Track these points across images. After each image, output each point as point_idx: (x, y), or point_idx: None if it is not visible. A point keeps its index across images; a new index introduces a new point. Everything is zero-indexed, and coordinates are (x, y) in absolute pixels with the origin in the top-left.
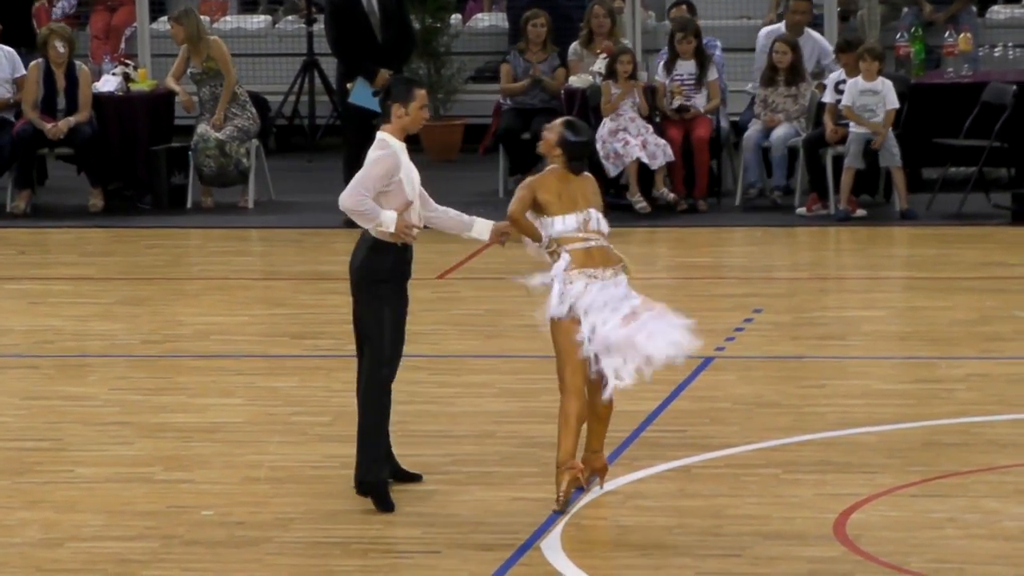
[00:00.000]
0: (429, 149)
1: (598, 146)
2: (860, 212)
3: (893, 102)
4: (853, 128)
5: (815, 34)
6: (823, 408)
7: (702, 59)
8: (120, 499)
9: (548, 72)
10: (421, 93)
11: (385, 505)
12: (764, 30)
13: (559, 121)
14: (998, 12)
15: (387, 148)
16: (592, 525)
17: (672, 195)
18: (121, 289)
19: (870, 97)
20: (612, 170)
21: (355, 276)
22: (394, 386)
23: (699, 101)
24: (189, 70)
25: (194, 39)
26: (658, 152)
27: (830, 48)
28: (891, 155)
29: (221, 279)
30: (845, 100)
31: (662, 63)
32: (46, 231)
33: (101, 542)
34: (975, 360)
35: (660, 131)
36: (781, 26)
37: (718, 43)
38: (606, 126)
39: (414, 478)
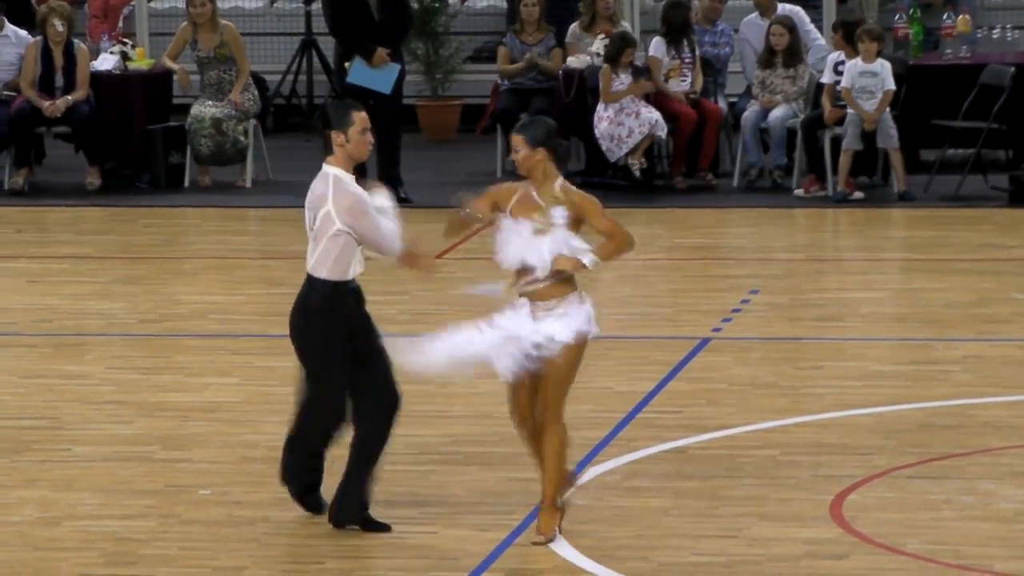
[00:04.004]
0: (427, 129)
1: (601, 127)
2: (858, 194)
3: (890, 84)
4: (851, 109)
5: (796, 8)
6: (820, 389)
7: (691, 39)
8: (118, 478)
9: (544, 53)
10: (360, 116)
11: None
12: (745, 20)
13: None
14: None
15: (350, 182)
16: (588, 506)
17: (639, 166)
18: (119, 268)
19: (869, 79)
20: (613, 154)
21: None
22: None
23: (689, 82)
24: (197, 53)
25: (208, 23)
26: (658, 125)
27: (810, 27)
28: (888, 136)
29: (219, 258)
30: (844, 82)
31: (658, 39)
32: (44, 210)
33: (98, 521)
34: (972, 342)
35: (661, 109)
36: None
37: (732, 32)
38: (608, 109)
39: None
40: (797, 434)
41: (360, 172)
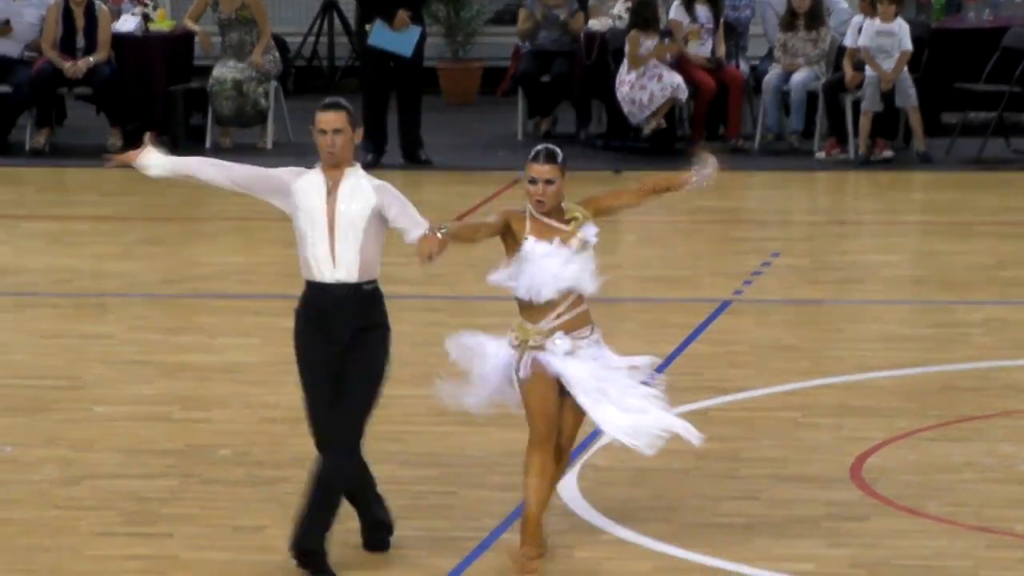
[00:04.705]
0: (447, 92)
1: (623, 90)
2: (887, 153)
3: (907, 44)
4: (870, 71)
5: None
6: (840, 352)
7: (717, 3)
8: (138, 438)
9: (568, 15)
10: (319, 117)
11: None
12: None
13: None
14: None
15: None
16: (608, 467)
17: (654, 126)
18: (140, 229)
19: (886, 39)
20: (635, 117)
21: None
22: (413, 327)
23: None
24: (218, 15)
25: None
26: (680, 89)
27: None
28: (906, 95)
29: (240, 219)
30: (861, 41)
31: (678, 3)
32: (65, 170)
33: (119, 480)
34: (992, 305)
35: (683, 74)
36: None
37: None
38: (631, 73)
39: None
40: (818, 396)
41: (382, 137)
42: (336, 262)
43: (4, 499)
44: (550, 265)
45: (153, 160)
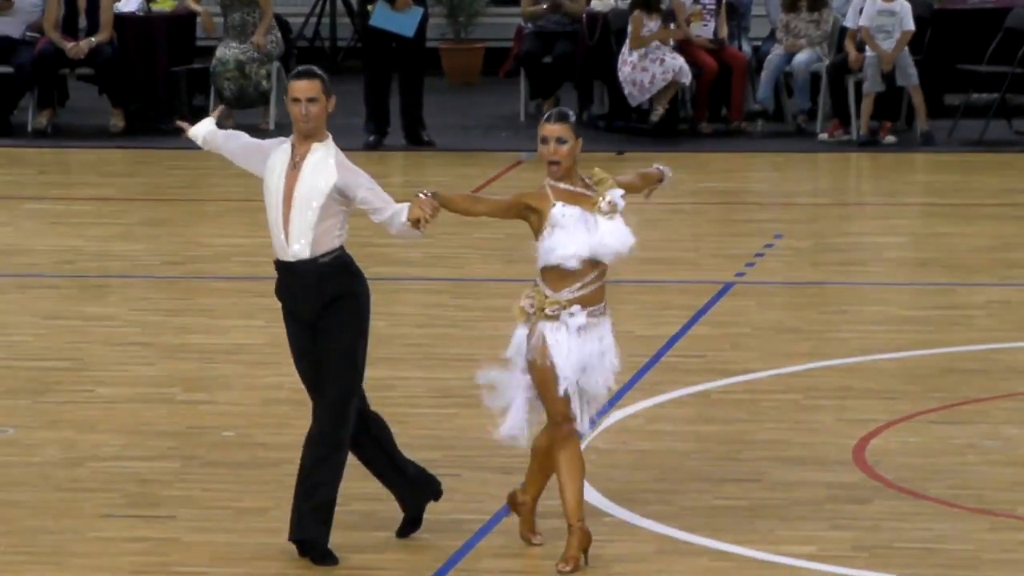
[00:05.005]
0: (449, 73)
1: (624, 71)
2: (890, 139)
3: (909, 24)
4: (870, 52)
5: None
6: (843, 334)
7: None
8: (140, 419)
9: None
10: (291, 84)
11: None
12: None
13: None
14: None
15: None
16: (611, 449)
17: (661, 112)
18: (142, 210)
19: (887, 18)
20: (635, 99)
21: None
22: (415, 309)
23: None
24: None
25: None
26: (682, 72)
27: None
28: (907, 75)
29: (242, 200)
30: (862, 20)
31: None
32: (67, 151)
33: (121, 462)
34: (995, 287)
35: (685, 55)
36: None
37: None
38: (633, 54)
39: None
40: (820, 378)
41: (384, 118)
42: (289, 238)
43: (6, 481)
44: (581, 231)
45: (200, 130)
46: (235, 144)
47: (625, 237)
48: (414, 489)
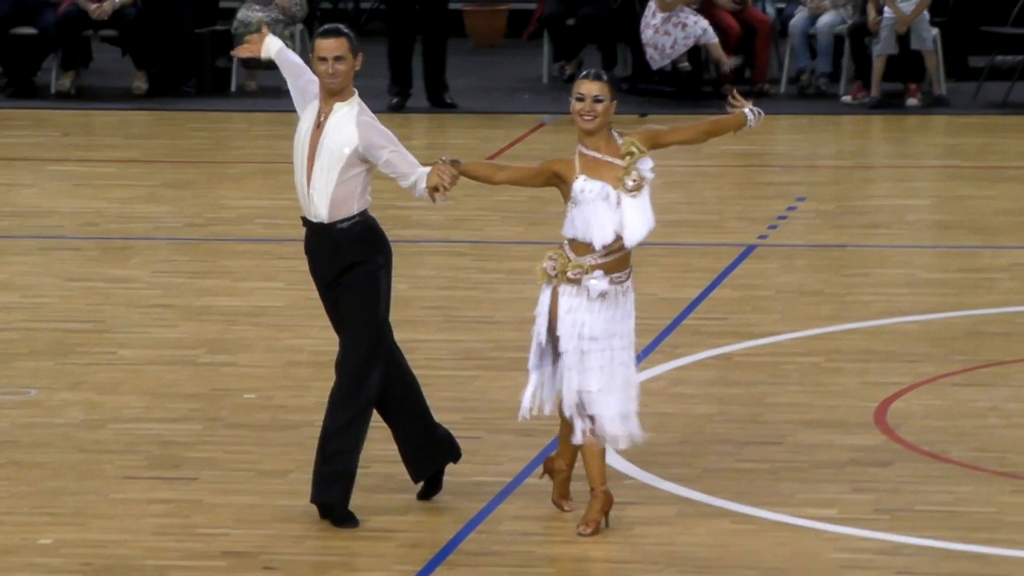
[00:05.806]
0: (473, 35)
1: (647, 34)
2: (912, 101)
3: None
4: (888, 12)
5: None
6: (866, 297)
7: None
8: (163, 381)
9: None
10: (318, 43)
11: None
12: None
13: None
14: None
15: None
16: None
17: (729, 64)
18: (165, 172)
19: None
20: (656, 62)
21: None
22: (436, 271)
23: None
24: None
25: None
26: (707, 34)
27: None
28: (922, 39)
29: (265, 163)
30: None
31: None
32: (91, 113)
33: (144, 424)
34: (1019, 249)
35: (709, 17)
36: None
37: None
38: (656, 16)
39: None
40: (843, 341)
41: (407, 80)
42: (310, 198)
43: (29, 442)
44: (601, 210)
45: (275, 44)
46: (293, 79)
47: (646, 221)
48: (432, 451)
